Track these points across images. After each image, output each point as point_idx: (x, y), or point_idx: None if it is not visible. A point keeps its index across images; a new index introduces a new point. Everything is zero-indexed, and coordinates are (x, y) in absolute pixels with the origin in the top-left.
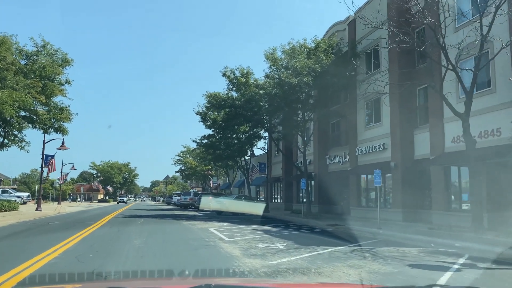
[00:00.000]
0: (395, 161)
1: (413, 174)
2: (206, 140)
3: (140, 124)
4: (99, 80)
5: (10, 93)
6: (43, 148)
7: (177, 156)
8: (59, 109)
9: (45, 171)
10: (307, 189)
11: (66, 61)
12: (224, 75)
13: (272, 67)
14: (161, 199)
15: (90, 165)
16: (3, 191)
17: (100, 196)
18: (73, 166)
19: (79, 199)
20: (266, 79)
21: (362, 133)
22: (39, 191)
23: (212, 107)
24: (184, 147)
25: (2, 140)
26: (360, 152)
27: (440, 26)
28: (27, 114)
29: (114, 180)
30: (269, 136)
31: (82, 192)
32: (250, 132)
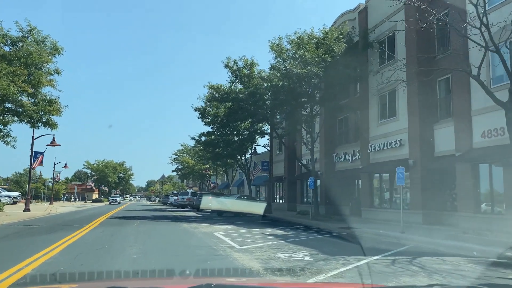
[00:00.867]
0: (414, 159)
1: (434, 173)
2: (204, 138)
3: (136, 124)
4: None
5: None
6: (32, 145)
7: (173, 155)
8: (47, 101)
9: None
10: (314, 189)
11: (56, 49)
12: (226, 66)
13: (278, 58)
14: (157, 199)
15: (84, 164)
16: None
17: (95, 196)
18: (65, 164)
19: (73, 199)
20: (271, 71)
21: (375, 129)
22: (28, 190)
23: (214, 99)
24: (181, 145)
25: None
26: (373, 149)
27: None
28: (12, 107)
29: (109, 180)
30: (271, 132)
31: (76, 191)
32: (251, 128)
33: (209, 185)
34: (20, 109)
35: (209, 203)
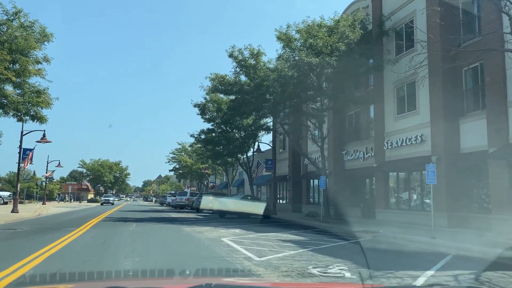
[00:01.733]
0: (437, 155)
1: (460, 171)
2: (204, 136)
3: (133, 124)
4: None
5: None
6: (21, 141)
7: (171, 153)
8: (35, 92)
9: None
10: (325, 189)
11: (45, 36)
12: (230, 55)
13: (286, 48)
14: (154, 199)
15: (80, 163)
16: None
17: (91, 196)
18: (59, 163)
19: (67, 199)
20: (279, 61)
21: (391, 124)
22: (17, 189)
23: (218, 91)
24: (179, 144)
25: None
26: (390, 145)
27: None
28: None
29: (104, 179)
30: (274, 129)
31: (70, 191)
32: (253, 125)
33: (208, 185)
34: (4, 100)
35: (210, 203)
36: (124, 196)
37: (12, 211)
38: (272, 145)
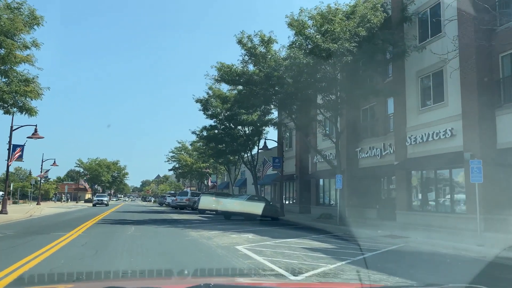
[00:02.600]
0: (472, 151)
1: (498, 169)
2: (206, 133)
3: (131, 124)
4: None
5: None
6: (10, 137)
7: (170, 153)
8: (23, 80)
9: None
10: (342, 189)
11: (34, 18)
12: (239, 42)
13: (299, 36)
14: (152, 199)
15: (77, 163)
16: None
17: (88, 196)
18: (54, 162)
19: (64, 199)
20: (291, 49)
21: (414, 118)
22: (5, 188)
23: (224, 81)
24: (179, 142)
25: None
26: (413, 141)
27: None
28: None
29: (102, 179)
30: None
31: (67, 191)
32: (259, 121)
33: (208, 185)
34: None
35: (214, 204)
36: (122, 196)
37: (1, 212)
38: (279, 142)
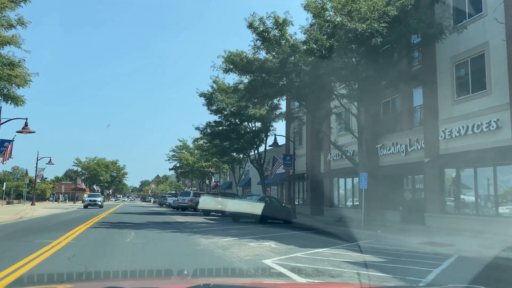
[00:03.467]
0: None
1: None
2: (210, 129)
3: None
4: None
5: None
6: None
7: (171, 151)
8: (8, 64)
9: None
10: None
11: None
12: (250, 26)
13: (317, 19)
14: (152, 199)
15: (75, 162)
16: None
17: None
18: (50, 160)
19: (61, 199)
20: (309, 33)
21: (448, 109)
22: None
23: (235, 68)
24: (180, 141)
25: None
26: (448, 135)
27: None
28: None
29: (100, 179)
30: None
31: (64, 191)
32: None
33: (210, 185)
34: None
35: (219, 205)
36: (121, 196)
37: None
38: (288, 137)
